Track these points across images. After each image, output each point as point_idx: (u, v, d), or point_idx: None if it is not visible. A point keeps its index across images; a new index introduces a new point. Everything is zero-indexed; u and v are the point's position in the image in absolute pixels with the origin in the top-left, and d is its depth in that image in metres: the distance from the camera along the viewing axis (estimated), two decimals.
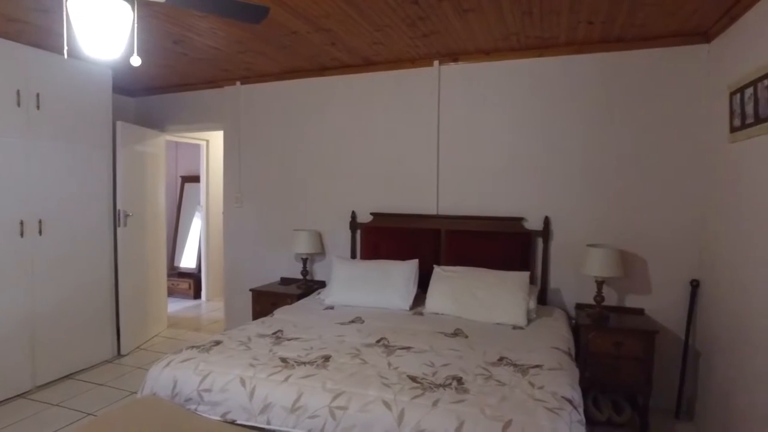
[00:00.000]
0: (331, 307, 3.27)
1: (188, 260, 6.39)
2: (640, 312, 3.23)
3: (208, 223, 6.08)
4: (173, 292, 6.14)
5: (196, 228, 6.37)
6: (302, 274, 3.99)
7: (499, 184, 3.51)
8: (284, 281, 4.17)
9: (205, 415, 2.04)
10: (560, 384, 1.99)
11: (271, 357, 2.29)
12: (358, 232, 3.92)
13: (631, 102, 3.20)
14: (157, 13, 2.72)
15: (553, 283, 3.41)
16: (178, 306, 5.82)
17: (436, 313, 3.06)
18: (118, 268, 4.08)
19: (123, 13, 1.55)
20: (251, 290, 3.89)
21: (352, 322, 2.91)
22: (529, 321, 2.90)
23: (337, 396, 1.90)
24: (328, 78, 3.98)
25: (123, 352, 4.09)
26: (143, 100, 4.84)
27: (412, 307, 3.19)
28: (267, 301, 3.78)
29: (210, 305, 5.92)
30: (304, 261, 3.98)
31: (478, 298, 2.97)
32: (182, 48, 3.39)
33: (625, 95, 3.21)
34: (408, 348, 2.42)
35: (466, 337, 2.63)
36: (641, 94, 3.18)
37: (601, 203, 3.29)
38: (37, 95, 3.35)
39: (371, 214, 3.84)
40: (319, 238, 4.03)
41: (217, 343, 2.48)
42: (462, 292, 3.04)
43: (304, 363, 2.21)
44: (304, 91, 4.09)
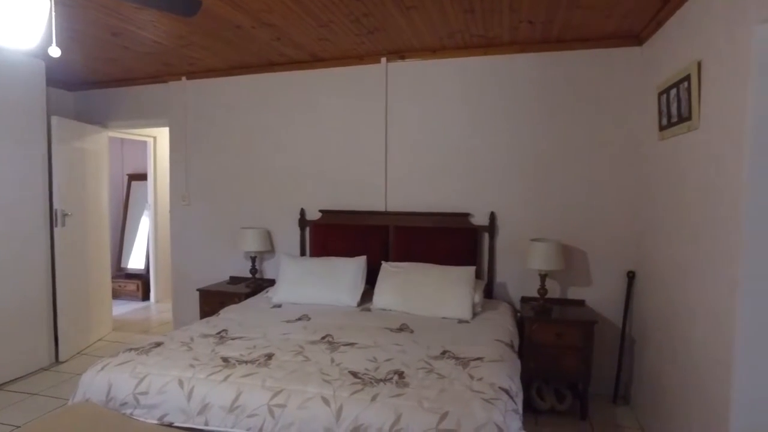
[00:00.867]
0: (279, 306, 3.24)
1: (136, 261, 6.17)
2: (581, 303, 3.35)
3: (157, 223, 5.89)
4: (120, 294, 5.93)
5: (144, 227, 6.16)
6: (251, 272, 3.93)
7: (447, 181, 3.57)
8: (234, 280, 4.10)
9: (141, 419, 1.98)
10: (499, 375, 2.04)
11: (212, 357, 2.25)
12: (308, 230, 3.89)
13: (572, 101, 3.32)
14: (92, 2, 2.61)
15: (499, 277, 3.49)
16: (125, 308, 5.62)
17: (384, 309, 3.08)
18: (56, 270, 3.89)
19: (38, 1, 1.47)
20: (198, 290, 3.80)
21: (299, 319, 2.89)
22: (475, 315, 2.96)
23: (276, 394, 1.88)
24: (276, 74, 3.93)
25: (62, 358, 3.91)
26: (84, 94, 4.63)
27: (360, 303, 3.20)
28: (215, 301, 3.70)
29: (159, 307, 5.74)
30: (253, 259, 3.92)
31: (425, 293, 3.01)
32: (122, 41, 3.27)
33: (566, 94, 3.32)
34: (352, 344, 2.43)
35: (412, 332, 2.66)
36: (581, 93, 3.30)
37: (544, 199, 3.40)
38: None
39: (320, 211, 3.82)
40: (268, 236, 3.98)
41: (158, 344, 2.41)
42: (408, 287, 3.07)
43: (245, 362, 2.18)
44: (252, 87, 4.02)
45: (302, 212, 3.90)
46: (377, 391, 1.87)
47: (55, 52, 1.61)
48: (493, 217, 3.45)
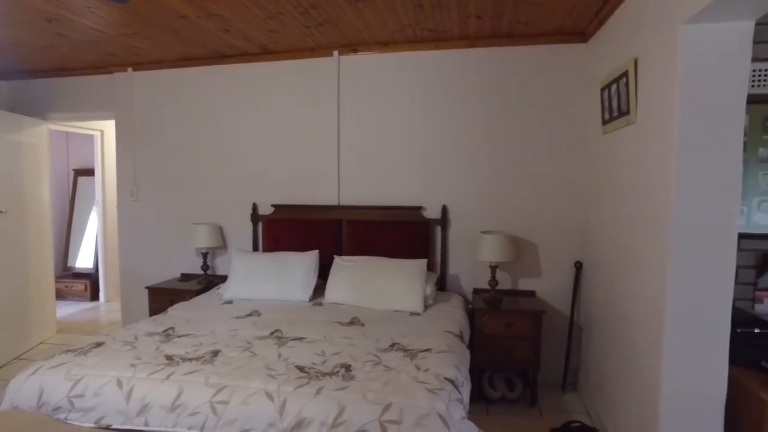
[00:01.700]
0: (230, 302, 3.18)
1: (84, 259, 5.93)
2: (531, 294, 3.44)
3: (106, 220, 5.67)
4: (67, 295, 5.69)
5: (92, 225, 5.92)
6: (203, 269, 3.83)
7: (399, 174, 3.58)
8: (185, 277, 3.99)
9: (77, 423, 1.90)
10: (445, 366, 2.07)
11: (155, 355, 2.19)
12: (260, 225, 3.83)
13: (522, 95, 3.38)
14: None
15: (452, 269, 3.53)
16: (72, 309, 5.39)
17: (336, 303, 3.07)
18: None
19: None
20: (147, 288, 3.69)
21: (249, 315, 2.85)
22: (426, 307, 2.98)
23: (219, 391, 1.85)
24: (226, 66, 3.84)
25: None
26: (20, 84, 4.39)
27: (312, 298, 3.18)
28: (165, 299, 3.60)
29: (109, 306, 5.53)
30: (205, 255, 3.83)
31: (376, 286, 3.02)
32: (57, 27, 3.11)
33: (516, 89, 3.38)
34: (301, 339, 2.41)
35: (363, 325, 2.66)
36: (530, 88, 3.36)
37: (496, 192, 3.46)
38: None
39: (272, 206, 3.76)
40: (220, 232, 3.89)
41: (98, 344, 2.33)
42: (360, 281, 3.07)
43: (190, 359, 2.13)
44: (202, 79, 3.91)
45: (254, 207, 3.84)
46: (322, 385, 1.86)
47: None
48: (445, 210, 3.49)
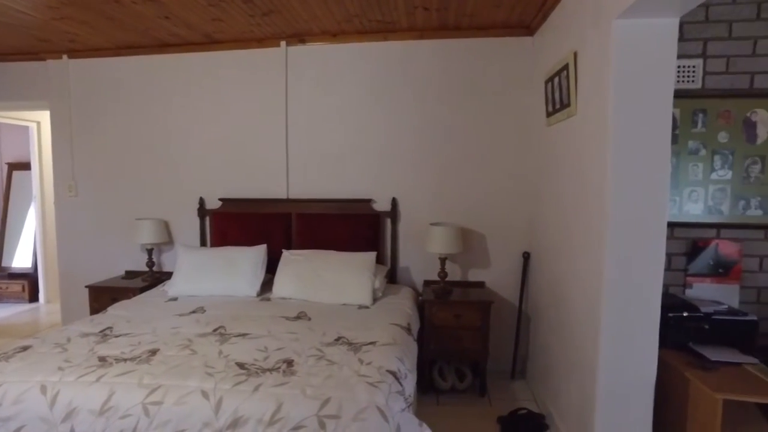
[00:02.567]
0: (175, 299, 3.08)
1: (22, 259, 5.61)
2: (480, 285, 3.48)
3: (45, 217, 5.38)
4: (3, 296, 5.39)
5: (31, 222, 5.61)
6: (148, 266, 3.70)
7: (349, 167, 3.55)
8: (129, 275, 3.84)
9: None
10: (388, 358, 2.06)
11: (87, 357, 2.08)
12: (207, 219, 3.72)
13: (470, 88, 3.40)
14: None
15: (402, 261, 3.54)
16: (8, 312, 5.11)
17: (283, 298, 3.02)
18: None
19: None
20: (87, 287, 3.53)
21: (193, 312, 2.76)
22: (375, 300, 2.97)
23: (152, 391, 1.78)
24: (170, 55, 3.69)
25: None
26: None
27: (260, 293, 3.12)
28: (106, 298, 3.45)
29: (49, 308, 5.27)
30: (150, 252, 3.69)
31: (325, 280, 2.98)
32: None
33: (465, 81, 3.40)
34: (245, 335, 2.35)
35: (309, 319, 2.62)
36: (479, 81, 3.39)
37: (445, 184, 3.48)
38: None
39: (220, 200, 3.66)
40: (166, 227, 3.76)
41: (25, 348, 2.20)
42: (309, 275, 3.03)
43: (125, 360, 2.04)
44: (145, 69, 3.75)
45: (201, 201, 3.73)
46: (261, 382, 1.82)
47: None
48: (395, 202, 3.49)
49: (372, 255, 3.11)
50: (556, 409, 2.70)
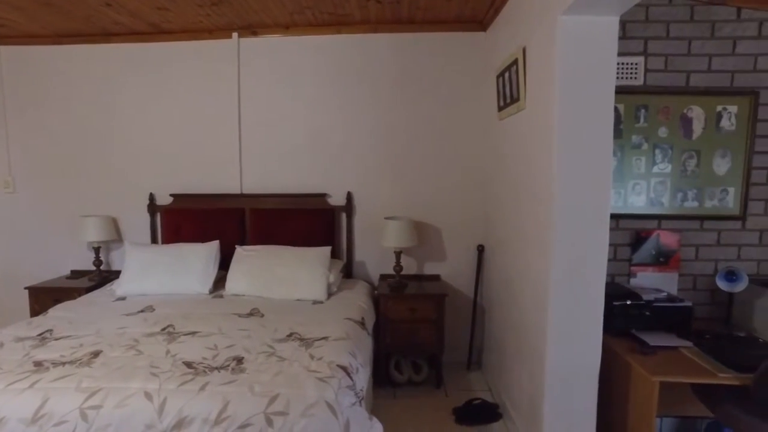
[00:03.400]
0: (123, 298, 2.98)
1: None
2: (436, 278, 3.52)
3: None
4: None
5: None
6: (95, 264, 3.55)
7: (303, 161, 3.51)
8: (75, 274, 3.67)
9: None
10: (339, 353, 2.06)
11: (22, 363, 1.98)
12: (158, 216, 3.61)
13: (424, 82, 3.42)
14: None
15: (358, 256, 3.53)
16: None
17: (237, 295, 2.97)
18: None
19: None
20: (27, 288, 3.35)
21: (141, 311, 2.68)
22: (330, 295, 2.96)
23: (92, 395, 1.71)
24: (116, 45, 3.54)
25: None
26: None
27: (213, 290, 3.06)
28: (49, 299, 3.30)
29: None
30: (97, 250, 3.54)
31: (279, 275, 2.95)
32: None
33: (419, 75, 3.41)
34: (194, 333, 2.30)
35: (262, 316, 2.58)
36: (433, 74, 3.41)
37: (400, 178, 3.49)
38: None
39: (171, 195, 3.55)
40: (114, 224, 3.62)
41: None
42: (262, 271, 2.98)
43: (63, 363, 1.96)
44: (89, 58, 3.58)
45: (152, 197, 3.60)
46: (208, 380, 1.78)
47: None
48: (350, 196, 3.47)
49: (327, 250, 3.09)
50: (510, 397, 2.77)
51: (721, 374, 1.89)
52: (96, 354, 2.05)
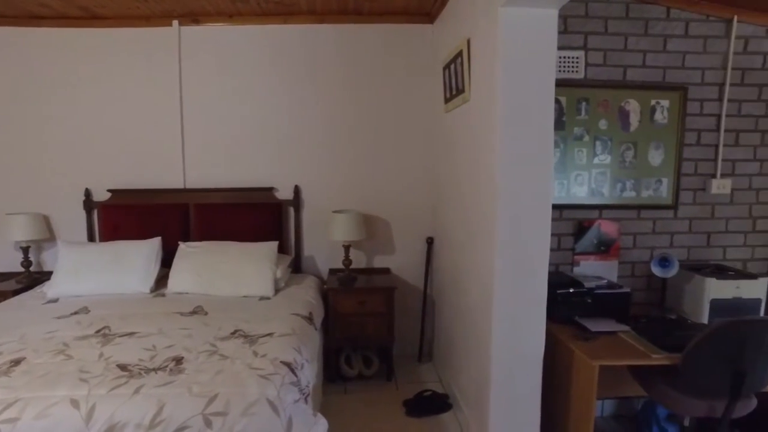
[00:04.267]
0: (55, 300, 2.79)
1: None
2: (386, 271, 3.51)
3: None
4: None
5: None
6: (24, 266, 3.32)
7: (249, 155, 3.41)
8: (1, 276, 3.42)
9: None
10: (284, 349, 2.00)
11: None
12: (95, 213, 3.41)
13: (372, 74, 3.39)
14: None
15: (307, 251, 3.48)
16: None
17: (180, 293, 2.85)
18: None
19: None
20: None
21: (75, 313, 2.52)
22: (277, 291, 2.89)
23: (7, 407, 1.58)
24: (42, 30, 3.30)
25: None
26: None
27: (154, 289, 2.92)
28: None
29: None
30: (25, 250, 3.31)
31: (223, 272, 2.85)
32: None
33: (366, 67, 3.38)
34: (132, 334, 2.18)
35: (206, 314, 2.49)
36: (380, 66, 3.38)
37: (346, 170, 3.45)
38: None
39: (109, 191, 3.37)
40: (45, 222, 3.40)
41: None
42: (206, 267, 2.87)
43: None
44: (12, 43, 3.32)
45: (88, 192, 3.40)
46: (143, 383, 1.69)
47: None
48: (297, 190, 3.41)
49: (273, 245, 3.02)
50: (459, 388, 2.79)
51: (654, 355, 1.97)
52: (17, 362, 1.90)
